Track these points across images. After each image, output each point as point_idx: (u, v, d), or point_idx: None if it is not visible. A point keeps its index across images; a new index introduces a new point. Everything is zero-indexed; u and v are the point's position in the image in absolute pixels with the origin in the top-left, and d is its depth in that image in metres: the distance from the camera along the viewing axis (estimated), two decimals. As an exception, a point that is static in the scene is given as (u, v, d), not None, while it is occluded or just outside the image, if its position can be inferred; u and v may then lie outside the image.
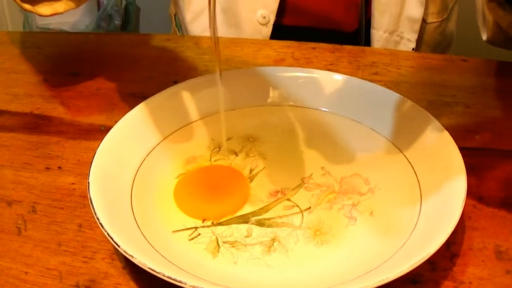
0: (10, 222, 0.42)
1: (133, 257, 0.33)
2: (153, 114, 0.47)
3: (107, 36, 0.68)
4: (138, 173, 0.43)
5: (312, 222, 0.41)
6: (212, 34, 0.41)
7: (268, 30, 0.72)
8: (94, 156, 0.41)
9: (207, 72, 0.58)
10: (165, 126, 0.47)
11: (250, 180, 0.45)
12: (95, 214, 0.36)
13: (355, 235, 0.40)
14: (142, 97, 0.47)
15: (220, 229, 0.40)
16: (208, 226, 0.41)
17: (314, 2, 0.72)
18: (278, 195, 0.43)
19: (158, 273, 0.32)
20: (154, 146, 0.45)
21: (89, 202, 0.37)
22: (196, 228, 0.40)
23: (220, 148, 0.48)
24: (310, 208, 0.42)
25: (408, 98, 0.47)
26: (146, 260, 0.33)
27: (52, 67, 0.61)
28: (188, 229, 0.40)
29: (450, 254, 0.38)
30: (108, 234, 0.35)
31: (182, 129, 0.47)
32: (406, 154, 0.44)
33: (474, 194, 0.43)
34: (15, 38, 0.67)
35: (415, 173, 0.42)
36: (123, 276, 0.37)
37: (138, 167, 0.43)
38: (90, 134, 0.50)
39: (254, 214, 0.41)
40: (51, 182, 0.45)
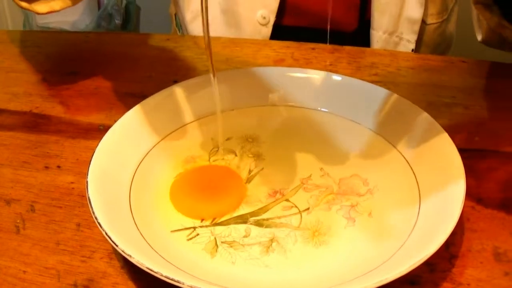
0: (9, 221, 0.42)
1: (131, 256, 0.33)
2: (152, 114, 0.46)
3: (107, 35, 0.68)
4: (136, 172, 0.43)
5: (310, 223, 0.41)
6: (205, 35, 0.41)
7: (268, 30, 0.72)
8: (93, 155, 0.41)
9: (207, 72, 0.58)
10: (164, 125, 0.47)
11: (249, 180, 0.45)
12: (94, 213, 0.36)
13: (354, 236, 0.40)
14: (142, 96, 0.47)
15: (218, 229, 0.40)
16: (206, 226, 0.41)
17: (314, 2, 0.72)
18: (277, 196, 0.43)
19: (156, 272, 0.32)
20: (153, 146, 0.45)
21: (87, 201, 0.37)
22: (194, 228, 0.40)
23: (218, 148, 0.48)
24: (308, 209, 0.42)
25: (407, 99, 0.47)
26: (144, 259, 0.33)
27: (51, 66, 0.61)
28: (186, 229, 0.40)
29: (449, 255, 0.38)
30: (106, 234, 0.35)
31: (181, 128, 0.47)
32: (405, 155, 0.44)
33: (473, 196, 0.43)
34: (15, 37, 0.67)
35: (414, 174, 0.42)
36: (121, 275, 0.37)
37: (136, 167, 0.43)
38: (89, 133, 0.50)
39: (252, 214, 0.41)
40: (50, 181, 0.45)
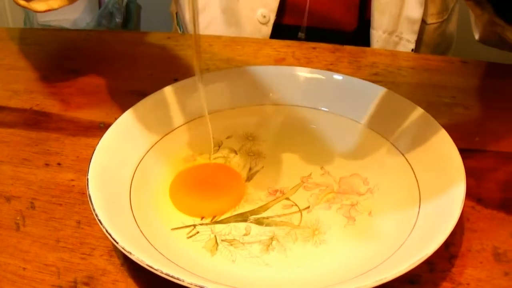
0: (9, 218, 0.42)
1: (131, 253, 0.33)
2: (152, 112, 0.47)
3: (108, 33, 0.68)
4: (137, 170, 0.43)
5: (310, 222, 0.41)
6: (193, 36, 0.41)
7: (268, 29, 0.72)
8: (94, 153, 0.41)
9: (208, 70, 0.58)
10: (164, 123, 0.47)
11: (249, 178, 0.45)
12: (94, 210, 0.36)
13: (354, 235, 0.40)
14: (142, 94, 0.47)
15: (218, 227, 0.40)
16: (206, 224, 0.41)
17: (314, 2, 0.72)
18: (277, 194, 0.43)
19: (156, 270, 0.32)
20: (154, 144, 0.45)
21: (88, 198, 0.37)
22: (194, 226, 0.40)
23: (219, 146, 0.48)
24: (309, 207, 0.42)
25: (408, 99, 0.47)
26: (144, 257, 0.33)
27: (52, 64, 0.61)
28: (186, 226, 0.40)
29: (449, 255, 0.38)
30: (106, 231, 0.35)
31: (182, 127, 0.47)
32: (405, 154, 0.44)
33: (473, 196, 0.43)
34: (16, 35, 0.67)
35: (414, 174, 0.42)
36: (121, 273, 0.37)
37: (137, 165, 0.43)
38: (89, 131, 0.50)
39: (253, 212, 0.41)
40: (50, 178, 0.45)
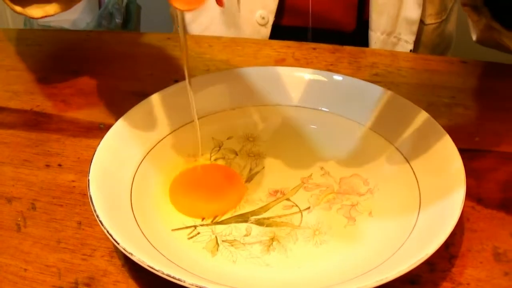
0: (10, 219, 0.42)
1: (132, 254, 0.33)
2: (153, 113, 0.47)
3: (108, 34, 0.68)
4: (138, 171, 0.43)
5: (311, 222, 0.41)
6: (181, 40, 0.41)
7: (267, 31, 0.72)
8: (94, 154, 0.41)
9: (208, 71, 0.58)
10: (165, 124, 0.47)
11: (249, 179, 0.45)
12: (95, 211, 0.36)
13: (354, 235, 0.40)
14: (143, 95, 0.47)
15: (219, 228, 0.40)
16: (207, 225, 0.41)
17: (313, 3, 0.72)
18: (278, 195, 0.43)
19: (157, 270, 0.32)
20: (154, 145, 0.45)
21: (89, 199, 0.37)
22: (195, 226, 0.40)
23: (220, 147, 0.48)
24: (309, 208, 0.42)
25: (408, 99, 0.47)
26: (145, 257, 0.33)
27: (52, 65, 0.61)
28: (187, 227, 0.40)
29: (449, 255, 0.38)
30: (107, 232, 0.35)
31: (182, 127, 0.47)
32: (405, 155, 0.44)
33: (473, 196, 0.43)
34: (16, 36, 0.67)
35: (414, 174, 0.42)
36: (122, 273, 0.37)
37: (138, 165, 0.43)
38: (90, 131, 0.50)
39: (253, 213, 0.42)
40: (51, 179, 0.45)
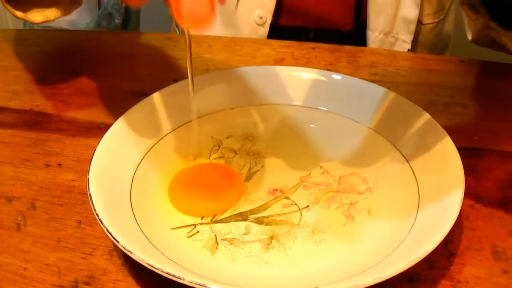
0: (10, 218, 0.42)
1: (132, 252, 0.33)
2: (152, 112, 0.47)
3: (108, 34, 0.69)
4: (137, 170, 0.43)
5: (310, 220, 0.41)
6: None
7: (265, 30, 0.72)
8: (94, 153, 0.41)
9: (207, 70, 0.58)
10: (164, 124, 0.47)
11: (249, 178, 0.45)
12: (95, 210, 0.36)
13: (353, 234, 0.40)
14: (142, 95, 0.48)
15: (218, 226, 0.40)
16: (206, 224, 0.41)
17: (310, 3, 0.72)
18: (277, 193, 0.43)
19: (156, 269, 0.32)
20: (154, 144, 0.45)
21: (88, 198, 0.37)
22: (195, 225, 0.41)
23: (219, 146, 0.48)
24: (308, 206, 0.42)
25: (407, 98, 0.47)
26: (145, 256, 0.33)
27: (52, 65, 0.61)
28: (187, 226, 0.40)
29: (448, 253, 0.38)
30: (107, 230, 0.35)
31: (182, 127, 0.47)
32: (404, 153, 0.44)
33: (472, 194, 0.43)
34: (16, 36, 0.67)
35: (413, 172, 0.42)
36: (122, 272, 0.37)
37: (137, 165, 0.43)
38: (90, 131, 0.50)
39: (252, 212, 0.42)
40: (51, 179, 0.45)
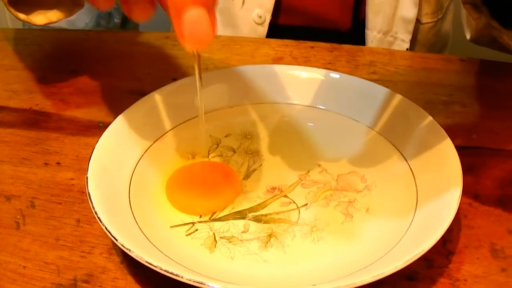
0: (9, 216, 0.42)
1: (130, 250, 0.33)
2: (151, 111, 0.47)
3: (107, 33, 0.69)
4: (136, 168, 0.43)
5: (308, 219, 0.41)
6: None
7: (264, 30, 0.72)
8: (93, 151, 0.41)
9: (206, 69, 0.58)
10: (163, 122, 0.47)
11: (247, 176, 0.45)
12: (94, 208, 0.36)
13: (351, 232, 0.40)
14: (141, 94, 0.48)
15: (217, 224, 0.40)
16: (205, 222, 0.41)
17: (309, 2, 0.72)
18: (275, 192, 0.43)
19: (155, 266, 0.33)
20: (153, 142, 0.45)
21: (87, 197, 0.37)
22: (193, 223, 0.41)
23: (218, 145, 0.48)
24: (307, 204, 0.42)
25: (405, 97, 0.47)
26: (143, 254, 0.33)
27: (51, 64, 0.61)
28: (185, 224, 0.41)
29: (446, 251, 0.38)
30: (106, 228, 0.35)
31: (181, 125, 0.47)
32: (402, 152, 0.44)
33: (470, 193, 0.43)
34: (15, 35, 0.67)
35: (412, 171, 0.43)
36: (121, 270, 0.37)
37: (136, 163, 0.43)
38: (89, 130, 0.51)
39: (251, 210, 0.42)
40: (50, 177, 0.45)
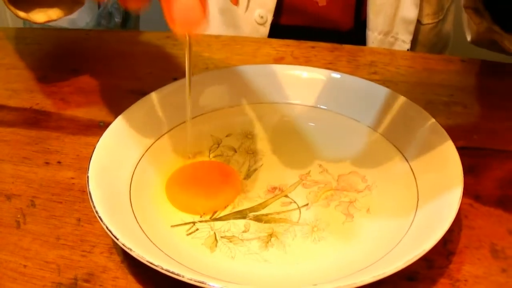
0: (9, 215, 0.42)
1: (131, 250, 0.33)
2: (152, 111, 0.47)
3: (108, 33, 0.69)
4: (137, 168, 0.43)
5: (309, 219, 0.41)
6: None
7: (265, 30, 0.72)
8: (94, 151, 0.41)
9: (207, 69, 0.58)
10: (163, 122, 0.47)
11: (248, 176, 0.45)
12: (94, 207, 0.36)
13: (352, 232, 0.40)
14: (141, 93, 0.48)
15: (218, 224, 0.40)
16: (206, 221, 0.41)
17: (310, 2, 0.72)
18: (276, 192, 0.43)
19: (156, 266, 0.33)
20: (153, 142, 0.45)
21: (88, 196, 0.37)
22: (194, 223, 0.41)
23: (219, 144, 0.48)
24: (307, 204, 0.42)
25: (406, 97, 0.47)
26: (144, 253, 0.33)
27: (52, 63, 0.61)
28: (186, 223, 0.41)
29: (447, 252, 0.38)
30: (107, 228, 0.35)
31: (181, 125, 0.47)
32: (403, 152, 0.44)
33: (471, 193, 0.43)
34: (16, 34, 0.67)
35: (413, 171, 0.43)
36: (121, 269, 0.37)
37: (137, 162, 0.43)
38: (89, 129, 0.50)
39: (252, 209, 0.42)
40: (51, 176, 0.45)
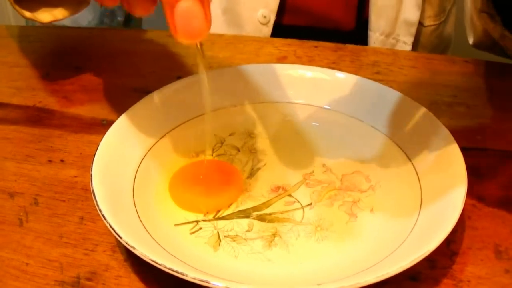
0: (12, 213, 0.42)
1: (135, 248, 0.33)
2: (155, 109, 0.47)
3: (110, 31, 0.69)
4: (140, 166, 0.43)
5: (313, 218, 0.41)
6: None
7: (268, 30, 0.72)
8: (97, 149, 0.41)
9: (210, 68, 0.58)
10: (167, 120, 0.47)
11: (251, 175, 0.45)
12: (98, 206, 0.36)
13: (355, 232, 0.40)
14: (145, 92, 0.48)
15: (221, 223, 0.40)
16: (209, 220, 0.41)
17: (313, 2, 0.72)
18: (280, 191, 0.43)
19: (159, 264, 0.32)
20: (157, 141, 0.45)
21: (91, 194, 0.37)
22: (197, 222, 0.41)
23: (222, 144, 0.48)
24: (311, 204, 0.42)
25: (409, 97, 0.47)
26: (147, 252, 0.33)
27: (55, 61, 0.61)
28: (189, 222, 0.40)
29: (450, 252, 0.38)
30: (110, 226, 0.35)
31: (185, 123, 0.47)
32: (407, 152, 0.44)
33: (474, 194, 0.43)
34: (19, 32, 0.67)
35: (416, 171, 0.42)
36: (124, 268, 0.37)
37: (140, 161, 0.43)
38: (92, 128, 0.50)
39: (255, 209, 0.42)
40: (53, 174, 0.45)
